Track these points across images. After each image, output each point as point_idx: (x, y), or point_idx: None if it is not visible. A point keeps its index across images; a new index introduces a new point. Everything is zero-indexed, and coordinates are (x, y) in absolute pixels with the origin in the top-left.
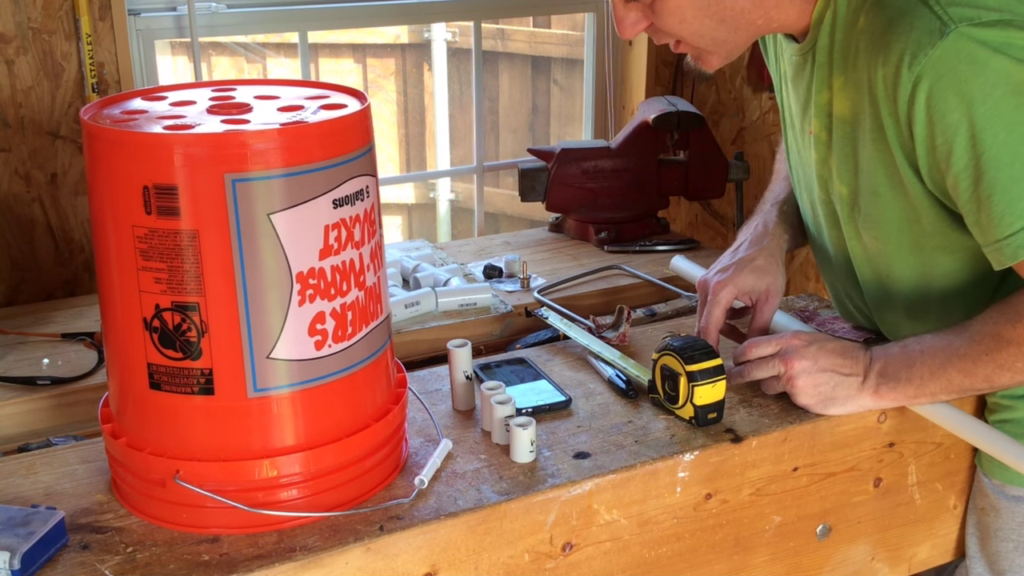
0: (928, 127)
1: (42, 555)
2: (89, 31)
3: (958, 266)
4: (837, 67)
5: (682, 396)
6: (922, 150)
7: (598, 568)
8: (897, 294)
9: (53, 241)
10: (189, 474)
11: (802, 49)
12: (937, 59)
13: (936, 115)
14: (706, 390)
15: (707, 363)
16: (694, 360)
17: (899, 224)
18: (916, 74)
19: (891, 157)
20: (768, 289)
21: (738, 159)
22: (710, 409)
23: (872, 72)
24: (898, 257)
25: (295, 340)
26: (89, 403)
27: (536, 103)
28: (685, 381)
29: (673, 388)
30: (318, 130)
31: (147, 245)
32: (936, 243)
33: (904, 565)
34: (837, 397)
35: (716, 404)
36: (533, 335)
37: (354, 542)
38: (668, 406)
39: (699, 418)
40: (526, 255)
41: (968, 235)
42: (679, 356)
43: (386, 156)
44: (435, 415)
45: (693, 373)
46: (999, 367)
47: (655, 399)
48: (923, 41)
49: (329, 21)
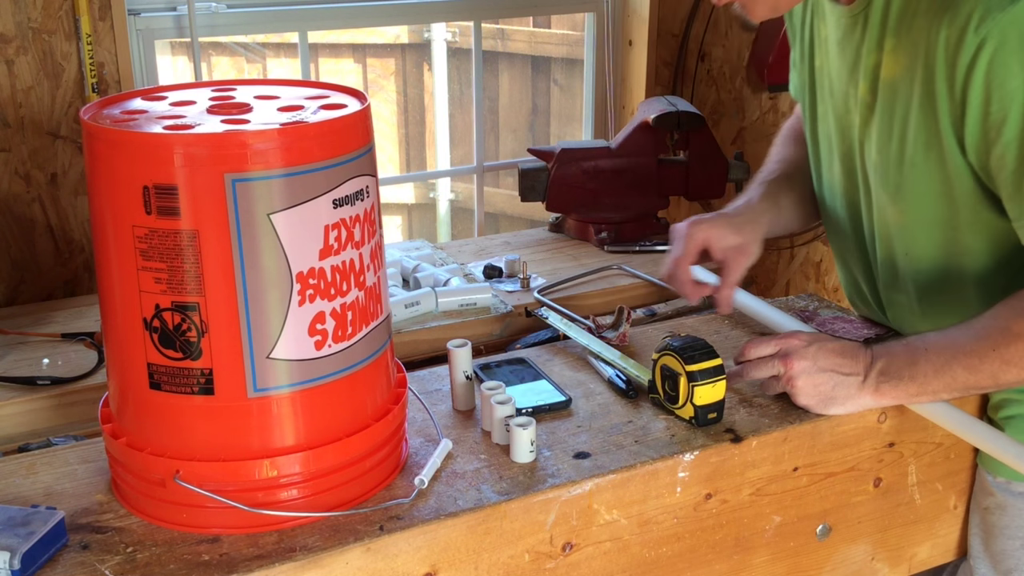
0: (985, 93)
1: (42, 555)
2: (89, 31)
3: (982, 247)
4: (891, 29)
5: (682, 396)
6: (973, 117)
7: (598, 568)
8: (912, 275)
9: (53, 241)
10: (189, 474)
11: (853, 10)
12: (1007, 23)
13: (995, 81)
14: (706, 390)
15: (707, 363)
16: (694, 360)
17: (931, 197)
18: (982, 36)
19: (935, 125)
20: (742, 246)
21: (738, 159)
22: (710, 409)
23: (932, 34)
24: (923, 232)
25: (295, 340)
26: (89, 403)
27: (536, 103)
28: (685, 381)
29: (673, 388)
30: (318, 130)
31: (147, 245)
32: (965, 219)
33: (904, 565)
34: (837, 397)
35: (716, 404)
36: (533, 335)
37: (354, 542)
38: (668, 406)
39: (699, 418)
40: (526, 255)
41: (999, 215)
42: (679, 356)
43: (386, 156)
44: (435, 415)
45: (693, 373)
46: (1006, 363)
47: (655, 399)
48: (994, 4)
49: (329, 21)
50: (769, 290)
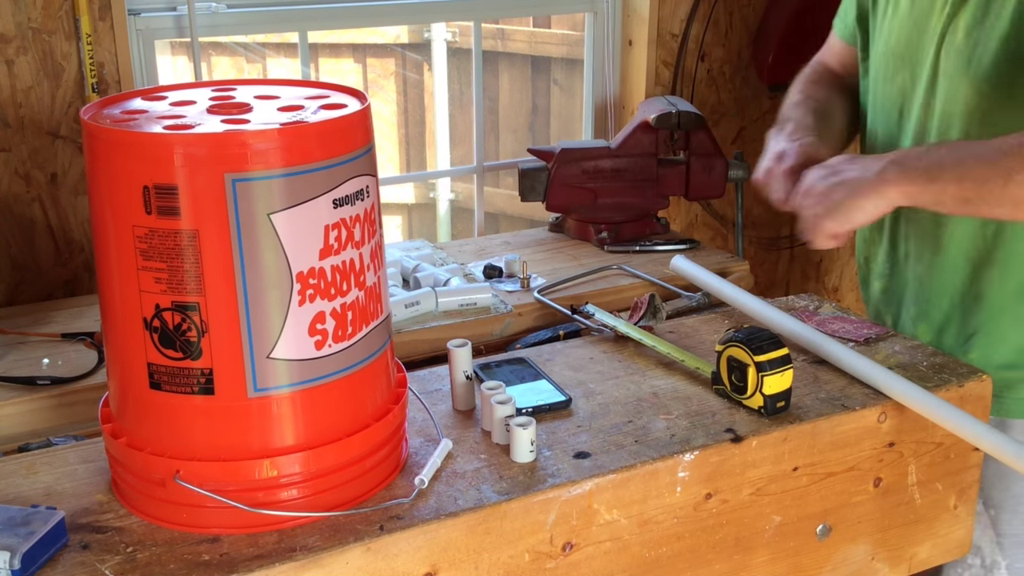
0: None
1: (42, 555)
2: (89, 31)
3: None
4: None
5: (751, 386)
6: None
7: (598, 568)
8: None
9: (53, 241)
10: (189, 474)
11: None
12: None
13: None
14: (775, 379)
15: (775, 353)
16: (762, 350)
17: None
18: None
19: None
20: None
21: (738, 159)
22: (779, 398)
23: None
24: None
25: (295, 340)
26: (89, 403)
27: (536, 103)
28: (754, 371)
29: (741, 379)
30: (318, 130)
31: (147, 245)
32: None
33: (904, 565)
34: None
35: (784, 392)
36: (533, 335)
37: (354, 542)
38: (735, 397)
39: (768, 407)
40: (526, 255)
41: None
42: (747, 347)
43: (386, 156)
44: (435, 415)
45: (762, 363)
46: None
47: (720, 390)
48: None
49: (329, 21)
50: (769, 290)
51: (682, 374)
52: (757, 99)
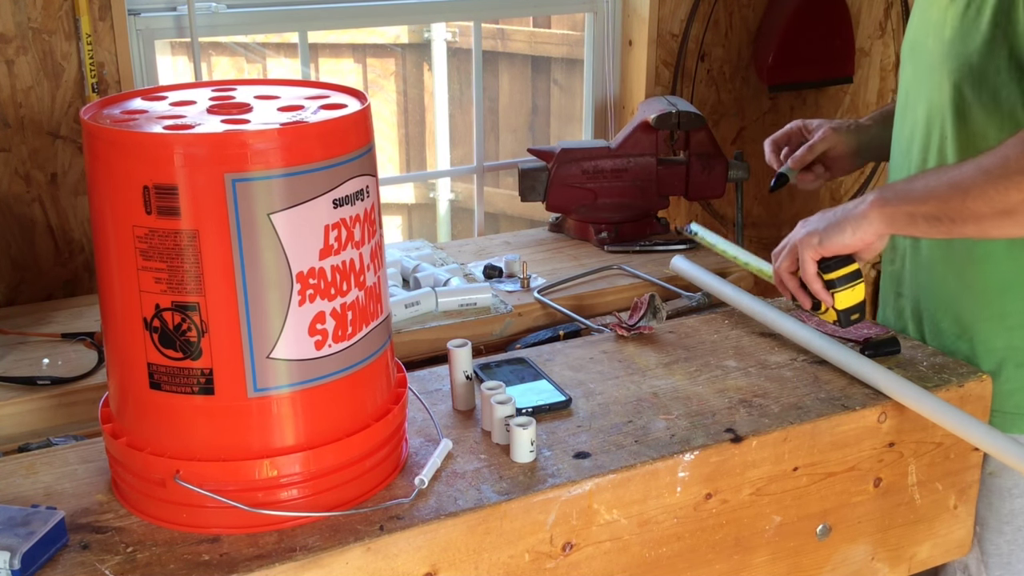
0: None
1: (42, 555)
2: (89, 31)
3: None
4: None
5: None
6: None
7: (598, 568)
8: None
9: (53, 241)
10: (189, 474)
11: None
12: None
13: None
14: (846, 294)
15: (846, 269)
16: (831, 268)
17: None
18: None
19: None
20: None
21: (738, 159)
22: (852, 311)
23: None
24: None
25: (295, 340)
26: (89, 403)
27: (536, 103)
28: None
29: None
30: (318, 130)
31: (147, 245)
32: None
33: (904, 565)
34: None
35: (858, 306)
36: (533, 335)
37: (354, 542)
38: (811, 313)
39: (843, 321)
40: (526, 255)
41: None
42: (818, 266)
43: (386, 156)
44: (435, 415)
45: (832, 280)
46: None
47: (796, 305)
48: None
49: (329, 21)
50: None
51: (682, 374)
52: (757, 99)
